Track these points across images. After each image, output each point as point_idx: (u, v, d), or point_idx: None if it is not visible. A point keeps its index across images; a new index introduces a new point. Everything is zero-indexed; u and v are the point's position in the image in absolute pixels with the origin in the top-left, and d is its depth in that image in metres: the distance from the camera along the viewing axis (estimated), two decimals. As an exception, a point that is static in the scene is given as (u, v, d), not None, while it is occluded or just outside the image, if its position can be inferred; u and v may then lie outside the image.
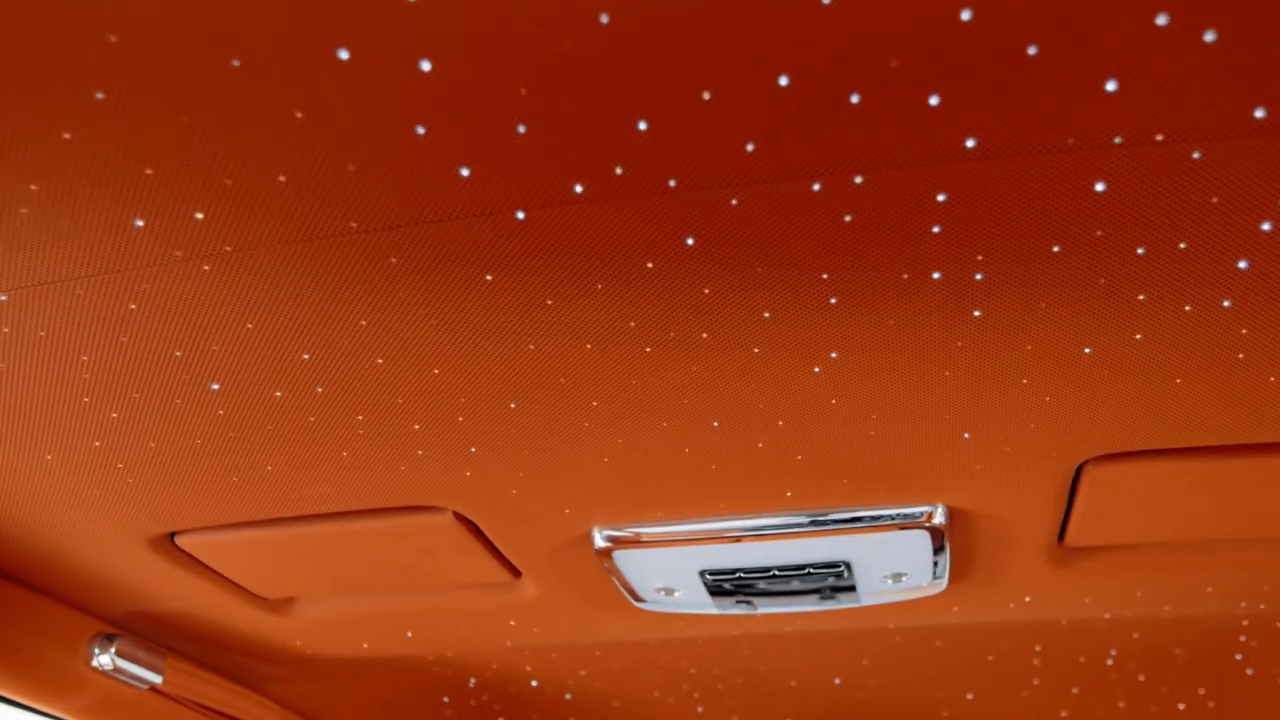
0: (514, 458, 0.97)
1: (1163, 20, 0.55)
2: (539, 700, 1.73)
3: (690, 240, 0.71)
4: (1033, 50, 0.57)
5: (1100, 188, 0.66)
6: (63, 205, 0.69)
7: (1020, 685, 1.61)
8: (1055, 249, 0.71)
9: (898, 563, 1.14)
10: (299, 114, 0.62)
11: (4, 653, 1.23)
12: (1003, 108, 0.61)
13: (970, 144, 0.63)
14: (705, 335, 0.80)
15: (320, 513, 1.10)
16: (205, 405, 0.91)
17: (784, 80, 0.59)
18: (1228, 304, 0.75)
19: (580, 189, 0.67)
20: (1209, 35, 0.56)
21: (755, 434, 0.92)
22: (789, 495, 1.03)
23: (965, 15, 0.55)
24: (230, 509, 1.08)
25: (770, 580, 1.18)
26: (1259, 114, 0.60)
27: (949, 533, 1.08)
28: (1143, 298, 0.75)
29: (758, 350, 0.82)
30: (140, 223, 0.71)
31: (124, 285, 0.77)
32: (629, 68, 0.58)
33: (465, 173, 0.66)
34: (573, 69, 0.59)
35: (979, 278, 0.74)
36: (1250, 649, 1.48)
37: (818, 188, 0.67)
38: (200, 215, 0.70)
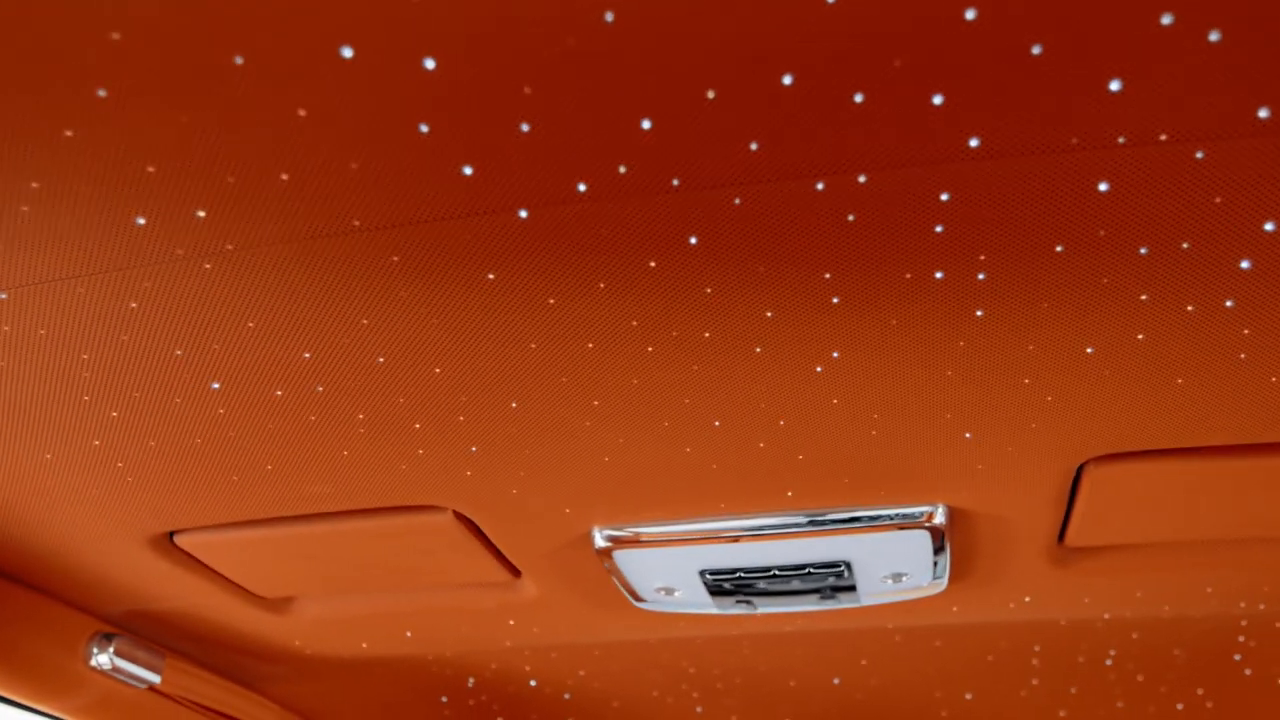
0: (515, 457, 0.97)
1: (1167, 20, 0.55)
2: (538, 700, 1.73)
3: (693, 239, 0.71)
4: (1037, 50, 0.57)
5: (1103, 187, 0.66)
6: (64, 203, 0.69)
7: (1019, 685, 1.61)
8: (1058, 249, 0.71)
9: (898, 563, 1.14)
10: (301, 112, 0.62)
11: (2, 652, 1.23)
12: (1006, 107, 0.61)
13: (974, 143, 0.63)
14: (707, 334, 0.80)
15: (320, 512, 1.10)
16: (205, 404, 0.90)
17: (788, 79, 0.59)
18: (1230, 304, 0.75)
19: (583, 188, 0.67)
20: (1213, 35, 0.56)
21: (756, 433, 0.92)
22: (790, 495, 1.03)
23: (969, 15, 0.55)
24: (230, 508, 1.08)
25: (770, 580, 1.18)
26: (1262, 114, 0.60)
27: (949, 533, 1.08)
28: (1145, 297, 0.75)
29: (760, 349, 0.82)
30: (142, 221, 0.71)
31: (125, 283, 0.77)
32: (633, 66, 0.58)
33: (468, 171, 0.66)
34: (576, 67, 0.58)
35: (981, 277, 0.74)
36: (1249, 649, 1.48)
37: (821, 187, 0.67)
38: (202, 213, 0.70)
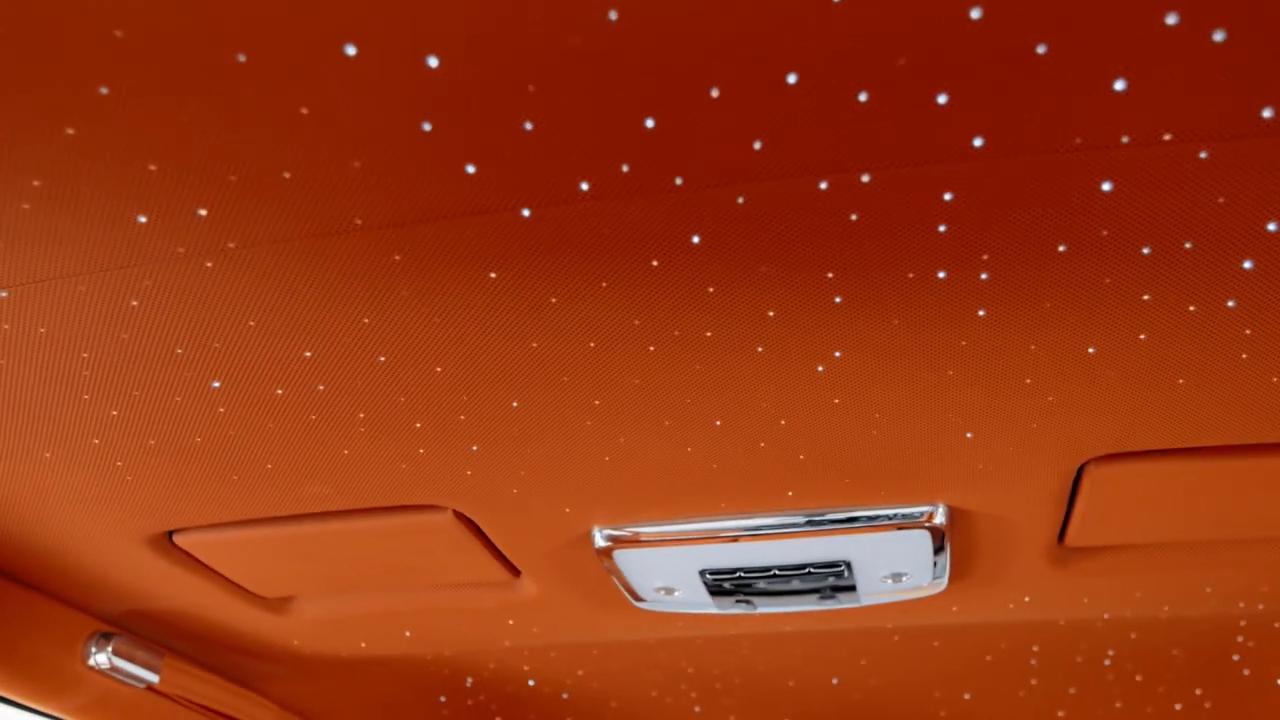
0: (515, 456, 0.97)
1: (1172, 20, 0.55)
2: (536, 700, 1.73)
3: (696, 238, 0.71)
4: (1041, 49, 0.57)
5: (1107, 187, 0.66)
6: (65, 201, 0.69)
7: (1018, 685, 1.61)
8: (1061, 248, 0.71)
9: (898, 563, 1.14)
10: (304, 110, 0.62)
11: (0, 651, 1.22)
12: (1010, 107, 0.60)
13: (977, 143, 0.63)
14: (709, 334, 0.80)
15: (320, 511, 1.10)
16: (206, 403, 0.90)
17: (792, 78, 0.59)
18: (1232, 304, 0.75)
19: (586, 186, 0.67)
20: (1217, 35, 0.56)
21: (758, 433, 0.92)
22: (790, 495, 1.03)
23: (974, 14, 0.55)
24: (230, 507, 1.08)
25: (770, 580, 1.18)
26: (1266, 114, 0.60)
27: (949, 533, 1.08)
28: (1147, 298, 0.75)
29: (762, 349, 0.82)
30: (143, 219, 0.71)
31: (126, 282, 0.77)
32: (636, 65, 0.58)
33: (471, 170, 0.66)
34: (580, 66, 0.58)
35: (984, 277, 0.74)
36: (1248, 650, 1.48)
37: (824, 186, 0.67)
38: (203, 212, 0.70)
